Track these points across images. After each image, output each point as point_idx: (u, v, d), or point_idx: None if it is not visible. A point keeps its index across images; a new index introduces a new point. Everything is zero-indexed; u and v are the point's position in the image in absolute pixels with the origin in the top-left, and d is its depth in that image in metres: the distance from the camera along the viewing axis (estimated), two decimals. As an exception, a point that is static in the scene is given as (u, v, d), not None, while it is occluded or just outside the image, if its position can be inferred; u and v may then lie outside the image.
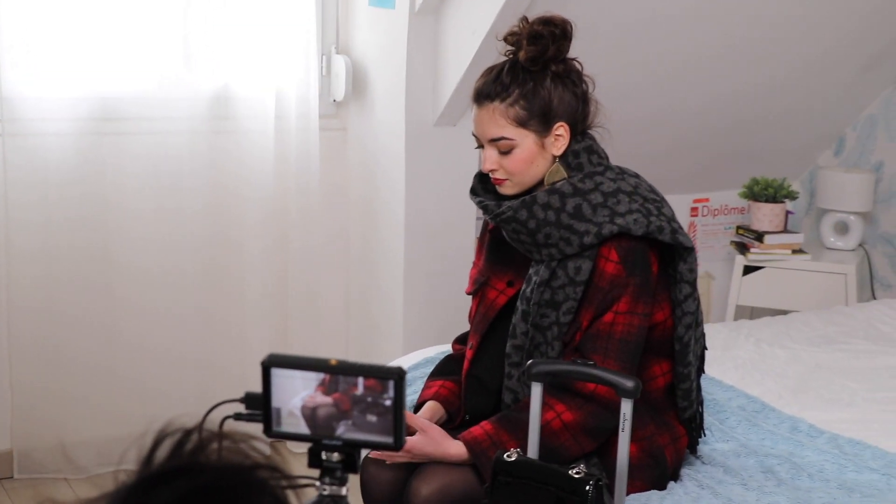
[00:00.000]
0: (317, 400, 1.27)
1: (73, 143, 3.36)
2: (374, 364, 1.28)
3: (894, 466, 2.36)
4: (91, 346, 3.46)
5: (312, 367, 1.27)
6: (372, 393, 1.25)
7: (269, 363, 1.28)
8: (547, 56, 2.21)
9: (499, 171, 2.25)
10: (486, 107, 2.23)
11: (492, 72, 2.26)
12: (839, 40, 3.85)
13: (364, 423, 1.26)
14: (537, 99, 2.21)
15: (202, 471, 0.81)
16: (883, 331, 3.35)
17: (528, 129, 2.22)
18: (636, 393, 2.00)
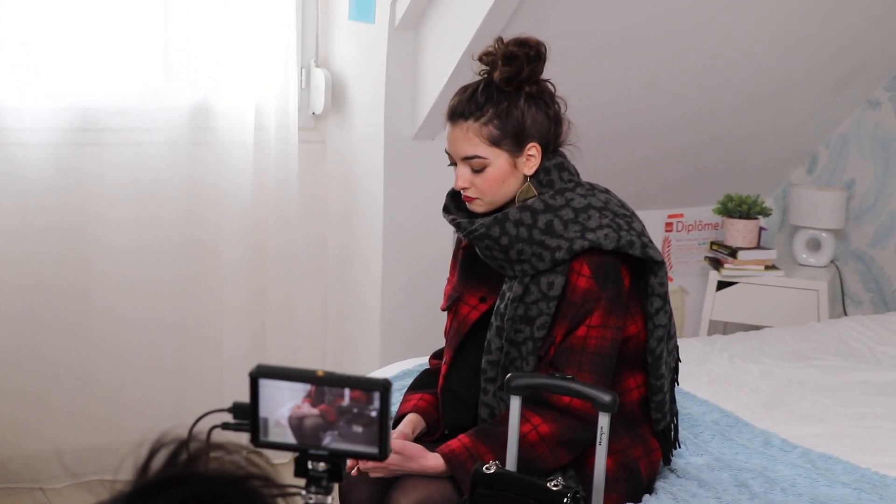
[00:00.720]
0: (304, 411, 1.28)
1: (53, 153, 3.36)
2: (361, 376, 1.30)
3: (865, 481, 2.38)
4: (68, 355, 3.46)
5: (300, 378, 1.28)
6: (358, 404, 1.27)
7: (257, 374, 1.29)
8: (521, 77, 2.22)
9: (471, 190, 2.26)
10: (460, 125, 2.24)
11: (466, 90, 2.27)
12: (812, 60, 3.89)
13: (350, 434, 1.27)
14: (511, 119, 2.22)
15: (197, 480, 0.82)
16: (854, 347, 3.36)
17: (500, 149, 2.22)
18: (614, 407, 2.01)
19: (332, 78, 3.71)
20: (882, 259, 4.22)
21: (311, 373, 1.29)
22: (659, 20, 3.48)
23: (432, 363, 2.50)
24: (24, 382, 3.41)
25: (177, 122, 3.51)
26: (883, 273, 4.22)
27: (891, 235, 4.18)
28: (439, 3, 3.33)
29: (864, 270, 4.28)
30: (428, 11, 3.38)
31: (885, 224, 4.19)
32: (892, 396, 2.96)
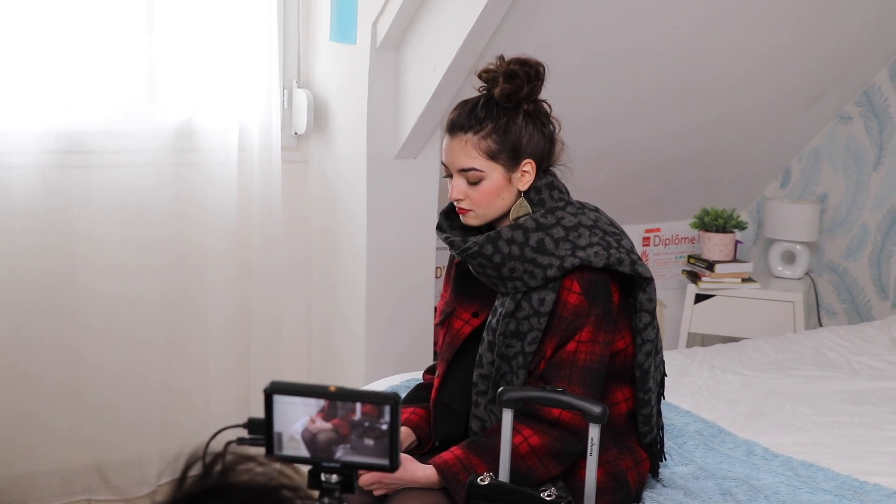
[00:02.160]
0: (317, 425, 1.32)
1: (39, 175, 3.35)
2: (371, 391, 1.34)
3: (846, 488, 2.41)
4: (56, 373, 3.44)
5: (313, 393, 1.31)
6: (369, 418, 1.30)
7: (272, 390, 1.32)
8: (521, 95, 2.24)
9: (465, 201, 2.27)
10: (458, 137, 2.26)
11: (467, 105, 2.28)
12: (786, 78, 3.92)
13: (361, 447, 1.30)
14: (509, 134, 2.24)
15: (232, 491, 0.84)
16: (830, 357, 3.40)
17: (497, 163, 2.24)
18: (604, 418, 2.02)
19: (314, 98, 3.72)
20: (855, 271, 4.25)
21: (323, 388, 1.32)
22: (637, 40, 3.50)
23: (426, 378, 2.52)
24: (12, 401, 3.40)
25: (161, 144, 3.51)
26: (856, 284, 4.25)
27: (863, 247, 4.21)
28: (421, 24, 3.34)
29: (838, 282, 4.31)
30: (409, 31, 3.38)
31: (858, 236, 4.22)
32: (869, 405, 3.00)
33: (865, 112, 4.16)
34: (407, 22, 3.36)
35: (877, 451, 2.68)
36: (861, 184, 4.20)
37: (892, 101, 4.06)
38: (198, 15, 3.50)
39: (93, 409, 3.50)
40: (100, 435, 3.51)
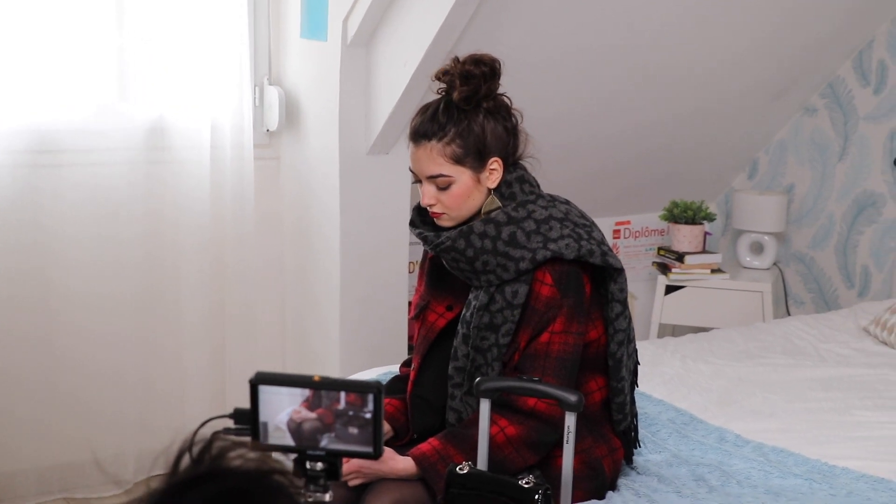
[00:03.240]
0: (302, 415, 1.33)
1: (10, 174, 3.33)
2: (354, 380, 1.36)
3: (816, 472, 2.44)
4: (31, 370, 3.44)
5: (297, 383, 1.33)
6: (353, 407, 1.32)
7: (257, 381, 1.34)
8: (479, 95, 2.24)
9: (437, 206, 2.28)
10: (423, 145, 2.26)
11: (427, 111, 2.28)
12: (753, 73, 3.94)
13: (346, 435, 1.32)
14: (472, 136, 2.24)
15: (226, 476, 0.85)
16: (798, 345, 3.42)
17: (464, 166, 2.24)
18: (580, 407, 2.04)
19: (286, 95, 3.72)
20: (822, 260, 4.28)
21: (308, 378, 1.34)
22: (607, 37, 3.52)
23: (402, 371, 2.52)
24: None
25: (133, 142, 3.50)
26: (823, 274, 4.28)
27: (829, 237, 4.24)
28: (391, 21, 3.34)
29: (805, 272, 4.34)
30: (380, 28, 3.38)
31: (824, 226, 4.26)
32: (836, 391, 3.03)
33: (830, 104, 4.20)
34: (377, 19, 3.37)
35: (845, 435, 2.71)
36: (827, 175, 4.24)
37: (857, 93, 4.11)
38: (168, 13, 3.49)
39: (68, 406, 3.49)
40: (76, 433, 3.51)
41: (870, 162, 4.10)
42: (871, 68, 4.05)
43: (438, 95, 2.30)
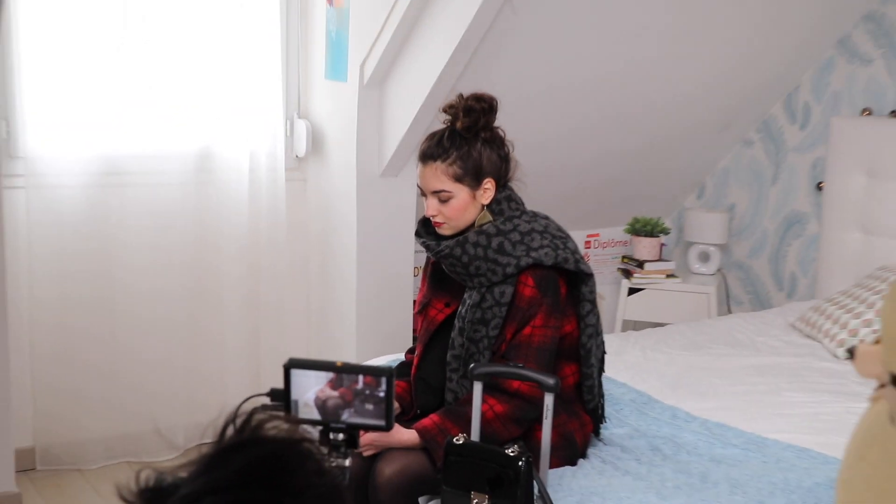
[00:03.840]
0: (326, 393, 1.35)
1: (85, 193, 3.35)
2: (370, 365, 1.38)
3: (752, 443, 2.45)
4: (98, 357, 3.44)
5: (323, 367, 1.35)
6: (369, 387, 1.34)
7: (290, 365, 1.36)
8: (478, 126, 2.26)
9: (439, 217, 2.29)
10: (430, 165, 2.27)
11: (434, 137, 2.30)
12: (701, 111, 3.93)
13: (363, 410, 1.34)
14: (471, 160, 2.26)
15: (263, 443, 0.84)
16: (738, 338, 3.41)
17: (463, 184, 2.26)
18: (557, 388, 2.06)
19: (312, 127, 3.71)
20: (757, 268, 4.26)
21: (332, 363, 1.36)
22: (581, 77, 3.51)
23: (407, 357, 2.53)
24: (62, 381, 3.41)
25: (185, 167, 3.51)
26: (759, 279, 4.26)
27: (764, 249, 4.22)
28: (401, 65, 3.34)
29: (744, 277, 4.32)
30: (391, 71, 3.38)
31: (759, 240, 4.23)
32: (769, 376, 3.02)
33: (764, 138, 4.18)
34: (389, 64, 3.37)
35: (775, 413, 2.71)
36: (762, 196, 4.21)
37: (786, 129, 4.10)
38: (214, 58, 3.50)
39: (129, 385, 3.50)
40: (135, 407, 3.51)
41: (797, 186, 4.10)
42: (797, 108, 4.06)
43: (444, 125, 2.31)
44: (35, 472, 3.42)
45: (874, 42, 3.77)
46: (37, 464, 3.44)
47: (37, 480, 3.38)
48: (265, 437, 0.85)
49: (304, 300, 3.84)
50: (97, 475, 3.44)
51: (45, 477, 3.41)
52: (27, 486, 3.30)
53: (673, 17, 3.46)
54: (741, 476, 2.26)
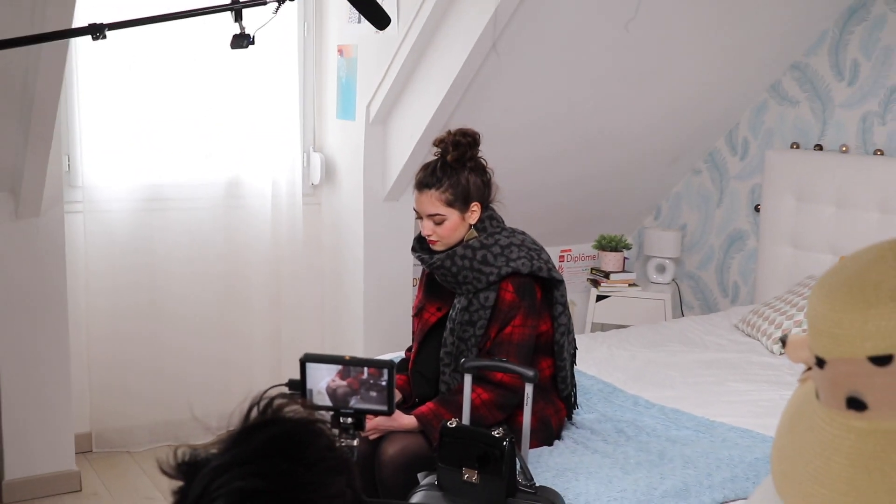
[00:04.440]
0: (336, 383, 1.35)
1: (132, 216, 3.37)
2: (374, 358, 1.38)
3: (702, 425, 2.46)
4: (144, 355, 3.45)
5: (334, 361, 1.35)
6: (373, 377, 1.34)
7: (305, 359, 1.35)
8: (465, 157, 2.27)
9: (434, 236, 2.30)
10: (425, 193, 2.28)
11: (428, 167, 2.30)
12: (656, 143, 3.93)
13: (367, 397, 1.34)
14: (460, 187, 2.26)
15: (283, 422, 0.84)
16: (690, 337, 3.41)
17: (454, 208, 2.27)
18: (535, 379, 2.07)
19: (325, 159, 3.71)
20: (706, 277, 4.25)
21: (341, 357, 1.36)
22: (554, 114, 3.51)
23: (406, 354, 2.53)
24: (114, 376, 3.41)
25: (217, 193, 3.52)
26: (707, 287, 4.25)
27: (711, 261, 4.21)
28: (401, 105, 3.35)
29: (695, 286, 4.31)
30: (393, 111, 3.39)
31: (707, 254, 4.22)
32: (716, 369, 3.02)
33: (710, 167, 4.18)
34: (391, 105, 3.38)
35: (721, 400, 2.72)
36: (709, 217, 4.22)
37: (728, 160, 4.11)
38: (242, 101, 3.51)
39: (171, 378, 3.50)
40: (176, 397, 3.51)
41: (738, 208, 4.11)
42: (738, 143, 4.07)
43: (435, 157, 2.32)
44: (91, 453, 3.43)
45: (800, 87, 3.80)
46: (93, 446, 3.45)
47: (93, 461, 3.38)
48: (283, 418, 0.84)
49: (318, 305, 3.84)
50: (144, 456, 3.45)
51: (100, 458, 3.41)
52: (85, 465, 3.30)
53: (633, 64, 3.47)
54: (693, 453, 2.26)
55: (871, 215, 3.42)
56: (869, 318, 0.74)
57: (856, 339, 0.74)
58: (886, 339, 0.73)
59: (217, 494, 0.77)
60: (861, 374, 0.74)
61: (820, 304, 0.77)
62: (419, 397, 2.37)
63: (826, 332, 0.76)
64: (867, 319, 0.74)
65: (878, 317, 0.73)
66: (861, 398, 0.75)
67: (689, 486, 2.06)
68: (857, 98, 3.59)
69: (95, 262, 3.34)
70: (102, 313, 3.37)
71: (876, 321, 0.73)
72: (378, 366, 1.34)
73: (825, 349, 0.76)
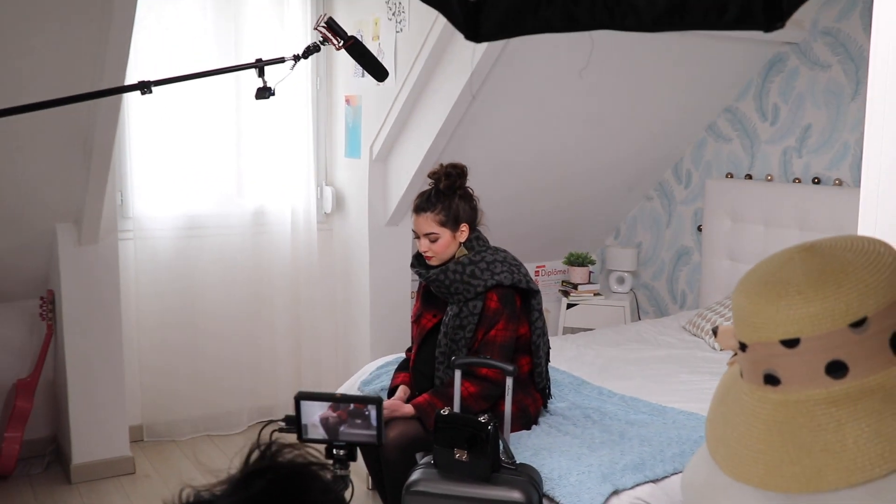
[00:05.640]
0: (328, 413, 1.27)
1: (173, 242, 3.37)
2: (360, 395, 1.30)
3: (655, 411, 2.48)
4: (185, 361, 3.44)
5: (325, 398, 1.26)
6: (358, 410, 1.26)
7: (300, 397, 1.27)
8: (455, 186, 2.29)
9: (429, 252, 2.31)
10: (422, 215, 2.30)
11: (424, 195, 2.33)
12: (616, 175, 3.94)
13: (354, 425, 1.26)
14: (451, 211, 2.28)
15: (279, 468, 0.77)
16: (645, 337, 3.41)
17: (446, 228, 2.29)
18: (514, 373, 2.09)
19: (336, 191, 3.71)
20: (658, 287, 4.25)
21: (332, 394, 1.26)
22: (530, 152, 3.51)
23: (406, 354, 2.54)
24: (161, 378, 3.40)
25: (244, 221, 3.51)
26: (659, 295, 4.25)
27: (662, 273, 4.21)
28: (399, 145, 3.34)
29: (650, 294, 4.30)
30: (392, 150, 3.39)
31: (659, 268, 4.23)
32: (667, 364, 3.03)
33: (660, 195, 4.19)
34: (390, 145, 3.38)
35: (672, 389, 2.73)
36: (659, 236, 4.22)
37: (675, 188, 4.13)
38: (265, 144, 3.52)
39: (207, 379, 3.49)
40: (213, 396, 3.50)
41: (684, 229, 4.13)
42: (682, 173, 4.10)
43: (430, 186, 2.34)
44: (143, 442, 3.42)
45: (732, 127, 3.85)
46: (144, 436, 3.43)
47: (144, 448, 3.37)
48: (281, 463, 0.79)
49: (331, 317, 3.83)
50: (187, 444, 3.43)
51: (150, 446, 3.40)
52: (138, 452, 3.29)
53: (596, 109, 3.49)
54: (648, 433, 2.27)
55: (792, 232, 3.47)
56: (780, 308, 0.77)
57: (770, 326, 0.77)
58: (794, 325, 0.76)
59: None
60: (775, 354, 0.77)
61: (741, 298, 0.80)
62: (419, 391, 2.38)
63: (746, 321, 0.79)
64: (779, 309, 0.77)
65: (788, 307, 0.76)
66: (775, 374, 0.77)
67: (644, 461, 2.08)
68: (778, 136, 3.65)
69: (144, 282, 3.34)
70: (150, 325, 3.37)
71: (786, 311, 0.76)
72: (363, 402, 1.25)
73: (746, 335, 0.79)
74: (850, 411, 0.73)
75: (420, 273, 2.36)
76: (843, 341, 0.74)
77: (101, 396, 3.05)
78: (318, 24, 1.84)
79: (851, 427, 0.72)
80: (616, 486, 1.96)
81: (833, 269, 0.76)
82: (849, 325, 0.74)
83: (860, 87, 3.33)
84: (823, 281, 0.75)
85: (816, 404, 0.74)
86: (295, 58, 1.83)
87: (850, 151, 3.41)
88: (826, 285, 0.75)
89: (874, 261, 0.75)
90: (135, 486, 3.02)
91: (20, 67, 2.23)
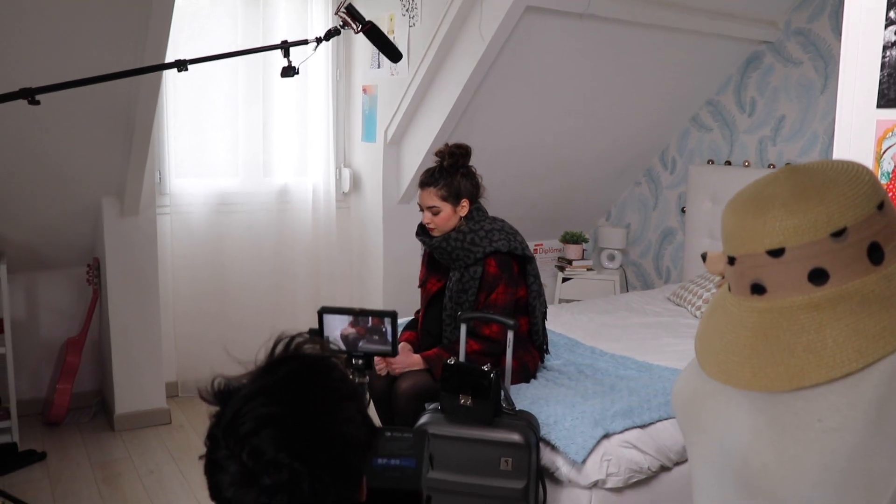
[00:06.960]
0: (348, 330, 1.30)
1: (206, 217, 3.36)
2: (378, 309, 1.32)
3: (643, 368, 2.47)
4: (214, 324, 3.43)
5: (345, 312, 1.28)
6: (376, 325, 1.29)
7: (323, 311, 1.29)
8: (458, 164, 2.27)
9: (431, 224, 2.29)
10: (426, 190, 2.28)
11: (429, 171, 2.31)
12: (608, 162, 3.92)
13: (372, 340, 1.29)
14: (453, 187, 2.26)
15: (303, 357, 0.79)
16: (633, 307, 3.40)
17: (448, 202, 2.26)
18: (515, 326, 2.08)
19: (353, 172, 3.71)
20: (645, 265, 4.24)
21: (351, 308, 1.29)
22: (529, 139, 3.49)
23: (415, 315, 2.52)
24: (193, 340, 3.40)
25: (270, 199, 3.50)
26: (646, 271, 4.23)
27: (649, 251, 4.20)
28: (411, 130, 3.34)
29: (637, 271, 4.29)
30: (405, 134, 3.38)
31: (646, 247, 4.21)
32: (653, 329, 3.03)
33: (648, 179, 4.18)
34: (403, 130, 3.37)
35: (657, 350, 2.73)
36: (647, 218, 4.21)
37: (661, 174, 4.12)
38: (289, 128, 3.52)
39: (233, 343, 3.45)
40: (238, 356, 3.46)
41: (669, 211, 4.11)
42: (668, 160, 4.08)
43: (435, 164, 2.32)
44: (178, 397, 3.44)
45: (713, 118, 3.82)
46: (178, 391, 3.45)
47: (179, 402, 3.38)
48: (302, 354, 0.79)
49: (348, 286, 3.83)
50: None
51: (184, 400, 3.41)
52: (173, 405, 3.31)
53: (590, 102, 3.47)
54: (636, 385, 2.28)
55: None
56: (766, 220, 0.75)
57: (757, 238, 0.75)
58: (779, 235, 0.74)
59: (245, 419, 0.72)
60: (761, 264, 0.75)
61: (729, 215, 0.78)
62: (425, 348, 2.36)
63: (734, 235, 0.77)
64: (765, 222, 0.75)
65: (773, 219, 0.75)
66: (762, 283, 0.76)
67: (633, 409, 2.08)
68: (755, 126, 3.62)
69: (179, 254, 3.34)
70: (184, 293, 3.38)
71: (771, 223, 0.75)
72: (380, 315, 1.30)
73: (734, 248, 0.77)
74: (831, 314, 0.71)
75: (424, 241, 2.36)
76: (825, 250, 0.72)
77: (140, 354, 3.07)
78: (339, 10, 1.81)
79: (831, 328, 0.71)
80: (607, 430, 1.96)
81: (815, 184, 0.74)
82: (830, 235, 0.73)
83: (828, 82, 3.32)
84: (807, 195, 0.74)
85: (800, 309, 0.73)
86: (317, 40, 1.81)
87: (818, 140, 3.38)
88: (809, 199, 0.73)
89: (854, 177, 0.74)
90: (171, 435, 3.04)
91: (70, 47, 2.22)
